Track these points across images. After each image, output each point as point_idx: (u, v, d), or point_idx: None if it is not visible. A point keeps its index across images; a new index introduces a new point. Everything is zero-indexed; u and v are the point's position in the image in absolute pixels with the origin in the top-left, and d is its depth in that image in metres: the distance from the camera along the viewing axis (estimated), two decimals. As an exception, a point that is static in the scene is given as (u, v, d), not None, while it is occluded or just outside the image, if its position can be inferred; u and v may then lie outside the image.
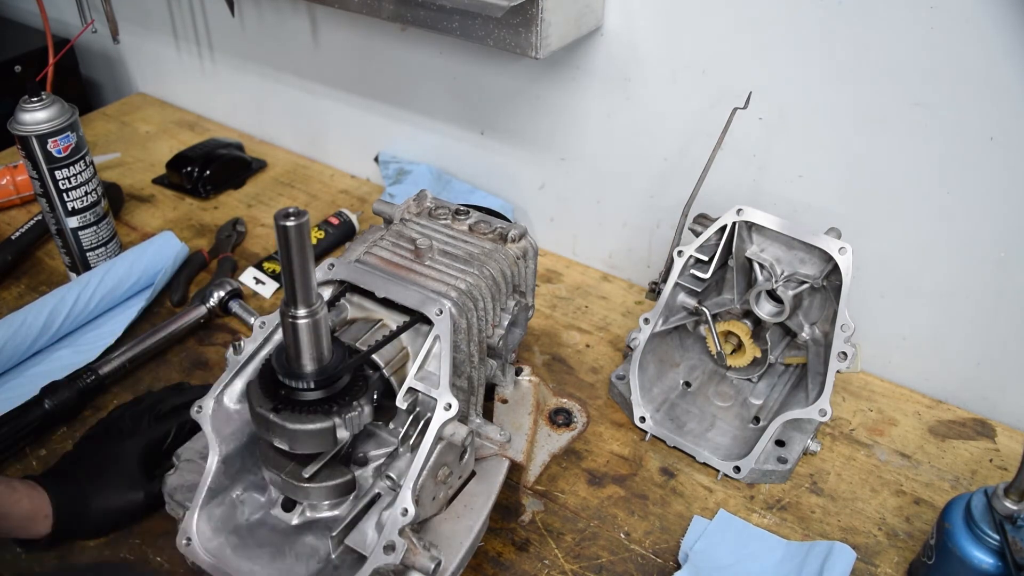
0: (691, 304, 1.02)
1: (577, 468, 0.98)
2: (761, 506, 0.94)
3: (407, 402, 0.77)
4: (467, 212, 0.93)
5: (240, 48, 1.56)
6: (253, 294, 1.24)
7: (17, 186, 1.39)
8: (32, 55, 1.65)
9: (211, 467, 0.77)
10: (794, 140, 1.04)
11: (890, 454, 1.01)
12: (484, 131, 1.33)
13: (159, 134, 1.66)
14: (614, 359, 1.14)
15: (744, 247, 0.98)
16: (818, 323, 0.98)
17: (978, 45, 0.87)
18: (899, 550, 0.89)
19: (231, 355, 0.81)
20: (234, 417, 0.80)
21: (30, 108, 1.09)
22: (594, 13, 1.07)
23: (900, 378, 1.11)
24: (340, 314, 0.85)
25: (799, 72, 0.99)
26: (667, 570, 0.87)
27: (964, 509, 0.78)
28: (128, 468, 0.88)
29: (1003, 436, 1.03)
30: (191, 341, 1.15)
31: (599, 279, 1.30)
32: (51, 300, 1.12)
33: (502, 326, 0.88)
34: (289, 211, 0.61)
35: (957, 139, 0.93)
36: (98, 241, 1.22)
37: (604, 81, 1.14)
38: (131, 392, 1.06)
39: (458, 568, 0.79)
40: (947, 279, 1.02)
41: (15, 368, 1.09)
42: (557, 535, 0.90)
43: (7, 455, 0.96)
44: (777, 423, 0.94)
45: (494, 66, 1.24)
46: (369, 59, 1.39)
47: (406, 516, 0.72)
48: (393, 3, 1.05)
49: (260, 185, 1.51)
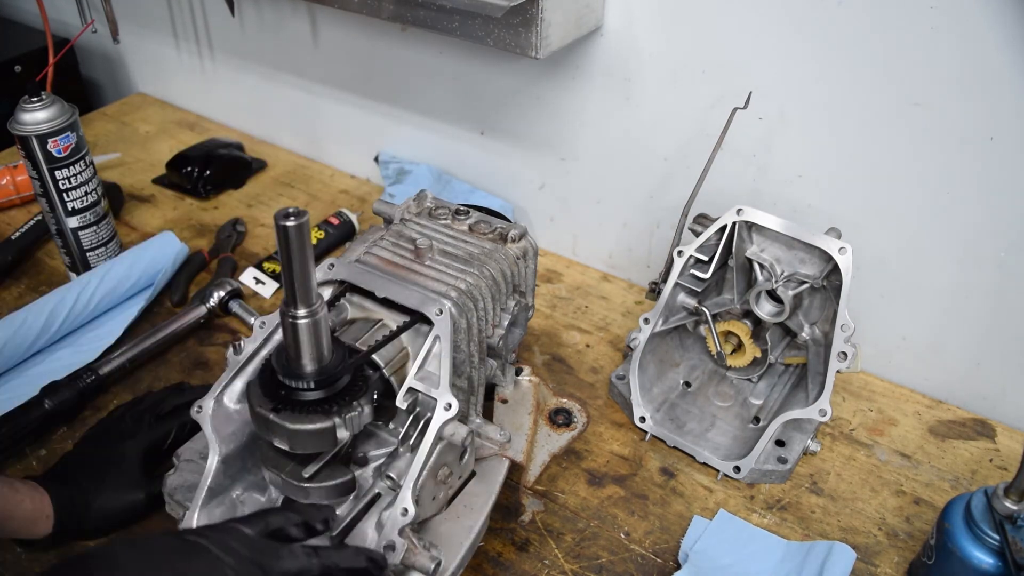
0: (691, 304, 1.02)
1: (577, 468, 0.98)
2: (761, 506, 0.94)
3: (407, 402, 0.77)
4: (467, 212, 0.93)
5: (240, 48, 1.56)
6: (253, 294, 1.24)
7: (17, 186, 1.39)
8: (32, 55, 1.65)
9: (211, 467, 0.77)
10: (794, 140, 1.04)
11: (890, 454, 1.01)
12: (484, 131, 1.33)
13: (159, 134, 1.66)
14: (614, 359, 1.14)
15: (744, 247, 0.98)
16: (818, 323, 0.98)
17: (978, 45, 0.87)
18: (899, 550, 0.89)
19: (231, 355, 0.81)
20: (234, 417, 0.80)
21: (30, 108, 1.09)
22: (594, 13, 1.07)
23: (900, 378, 1.11)
24: (340, 314, 0.85)
25: (799, 72, 0.99)
26: (667, 570, 0.87)
27: (964, 509, 0.78)
28: (129, 468, 0.88)
29: (1003, 436, 1.03)
30: (191, 341, 1.15)
31: (599, 279, 1.30)
32: (51, 300, 1.12)
33: (502, 326, 0.88)
34: (289, 211, 0.61)
35: (957, 139, 0.93)
36: (98, 241, 1.22)
37: (604, 81, 1.14)
38: (131, 392, 1.06)
39: (458, 568, 0.79)
40: (947, 279, 1.02)
41: (15, 368, 1.09)
42: (557, 535, 0.90)
43: (7, 455, 0.96)
44: (777, 423, 0.94)
45: (494, 66, 1.24)
46: (369, 59, 1.39)
47: (406, 516, 0.72)
48: (393, 3, 1.05)
49: (260, 185, 1.51)
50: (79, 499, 0.84)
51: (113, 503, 0.86)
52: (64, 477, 0.86)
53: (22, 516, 0.80)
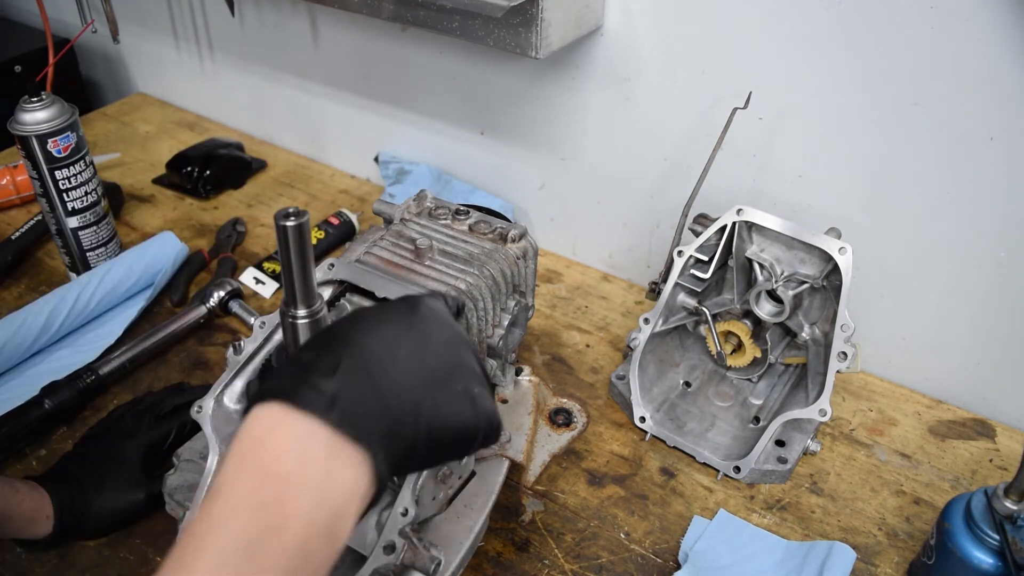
0: (691, 304, 1.02)
1: (577, 468, 0.98)
2: (761, 506, 0.94)
3: (407, 402, 0.77)
4: (467, 212, 0.93)
5: (240, 48, 1.56)
6: (253, 294, 1.24)
7: (17, 186, 1.39)
8: (32, 55, 1.65)
9: (211, 467, 0.77)
10: (794, 140, 1.04)
11: (890, 454, 1.01)
12: (484, 131, 1.33)
13: (159, 134, 1.66)
14: (614, 359, 1.14)
15: (744, 247, 0.98)
16: (818, 323, 0.98)
17: (978, 45, 0.87)
18: (899, 550, 0.89)
19: (231, 355, 0.81)
20: (234, 417, 0.80)
21: (30, 108, 1.09)
22: (594, 13, 1.07)
23: (900, 378, 1.11)
24: (340, 314, 0.85)
25: (799, 72, 0.99)
26: (667, 570, 0.87)
27: (964, 509, 0.78)
28: (129, 468, 0.88)
29: (1003, 436, 1.03)
30: (191, 341, 1.15)
31: (599, 279, 1.30)
32: (51, 300, 1.12)
33: (502, 326, 0.88)
34: (289, 211, 0.61)
35: (957, 139, 0.93)
36: (98, 241, 1.22)
37: (604, 81, 1.14)
38: (131, 392, 1.06)
39: (458, 568, 0.79)
40: (947, 279, 1.02)
41: (15, 368, 1.09)
42: (557, 535, 0.90)
43: (7, 455, 0.96)
44: (777, 423, 0.94)
45: (494, 66, 1.24)
46: (369, 59, 1.39)
47: (406, 516, 0.72)
48: (393, 3, 1.05)
49: (260, 185, 1.51)
50: (79, 499, 0.84)
51: (113, 503, 0.86)
52: (64, 477, 0.86)
53: (22, 516, 0.80)
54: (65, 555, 0.86)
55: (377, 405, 0.50)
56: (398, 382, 0.52)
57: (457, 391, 0.56)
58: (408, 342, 0.55)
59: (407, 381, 0.53)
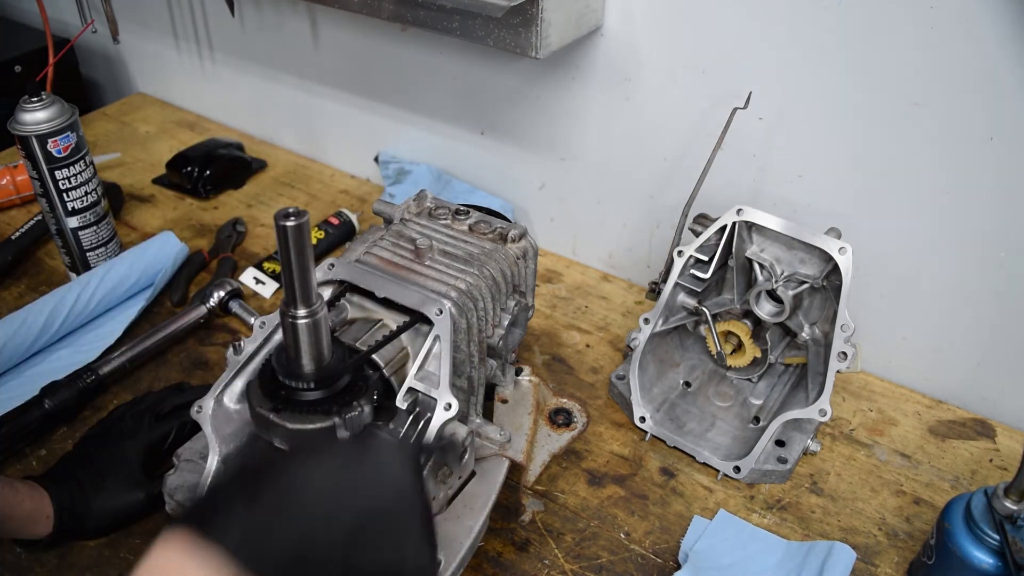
0: (691, 304, 1.02)
1: (577, 468, 0.98)
2: (761, 506, 0.94)
3: (407, 402, 0.77)
4: (467, 212, 0.93)
5: (240, 48, 1.56)
6: (253, 294, 1.24)
7: (17, 186, 1.39)
8: (32, 55, 1.65)
9: (211, 467, 0.77)
10: (794, 140, 1.04)
11: (890, 454, 1.01)
12: (484, 131, 1.33)
13: (159, 134, 1.66)
14: (614, 359, 1.14)
15: (744, 247, 0.98)
16: (818, 323, 0.98)
17: (978, 45, 0.87)
18: (899, 550, 0.89)
19: (231, 355, 0.81)
20: (234, 417, 0.80)
21: (30, 108, 1.09)
22: (594, 13, 1.07)
23: (900, 378, 1.11)
24: (340, 314, 0.85)
25: (799, 72, 0.99)
26: (667, 570, 0.87)
27: (964, 509, 0.78)
28: (129, 468, 0.88)
29: (1003, 436, 1.03)
30: (191, 341, 1.15)
31: (599, 279, 1.30)
32: (51, 300, 1.12)
33: (502, 326, 0.88)
34: (289, 211, 0.61)
35: (957, 139, 0.93)
36: (98, 241, 1.22)
37: (604, 81, 1.14)
38: (131, 392, 1.06)
39: (458, 568, 0.79)
40: (947, 279, 1.02)
41: (15, 368, 1.09)
42: (557, 535, 0.90)
43: (7, 455, 0.96)
44: (777, 423, 0.94)
45: (494, 66, 1.24)
46: (369, 59, 1.39)
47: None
48: (393, 3, 1.05)
49: (260, 185, 1.51)
50: (79, 499, 0.84)
51: (113, 503, 0.86)
52: (64, 477, 0.86)
53: (22, 516, 0.80)
54: (65, 555, 0.86)
55: (288, 545, 0.49)
56: (316, 525, 0.51)
57: (384, 544, 0.54)
58: (343, 485, 0.54)
59: (326, 524, 0.51)
